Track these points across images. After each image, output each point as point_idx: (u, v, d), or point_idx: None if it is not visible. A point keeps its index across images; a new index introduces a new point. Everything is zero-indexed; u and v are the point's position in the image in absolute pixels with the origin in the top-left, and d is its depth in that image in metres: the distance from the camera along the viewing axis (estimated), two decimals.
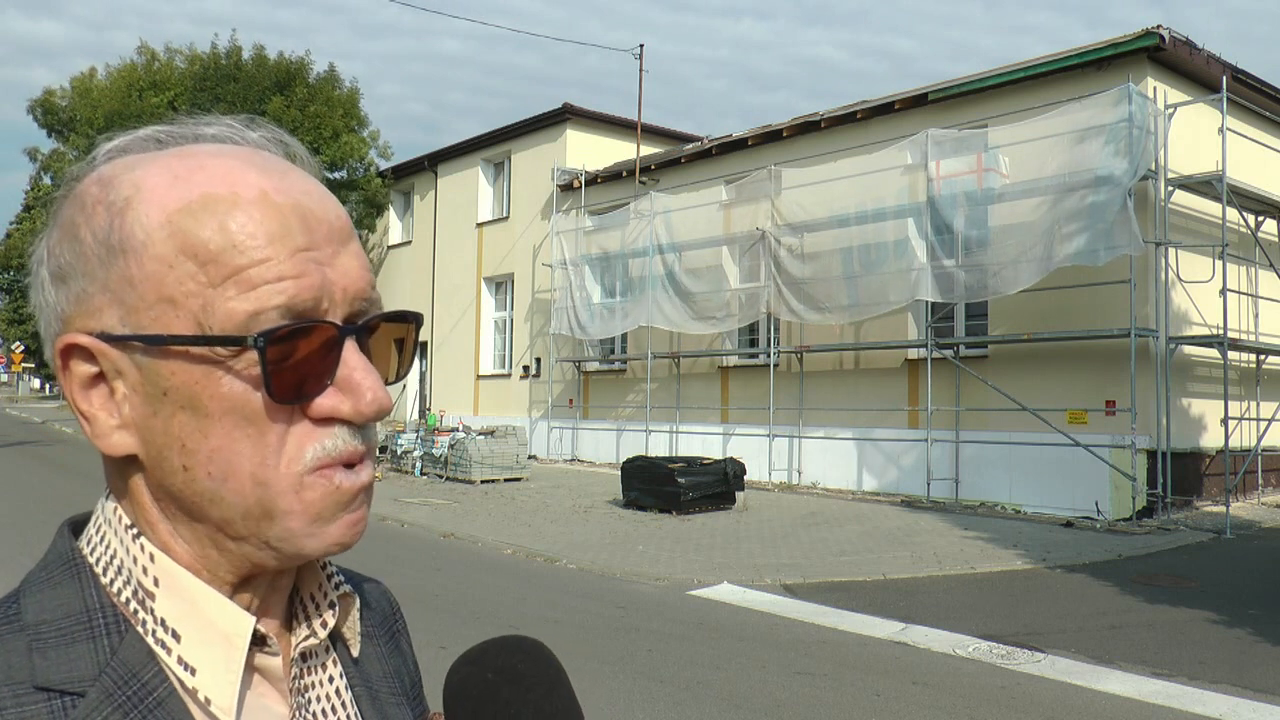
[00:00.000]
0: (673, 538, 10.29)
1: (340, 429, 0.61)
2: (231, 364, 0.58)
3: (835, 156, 14.86)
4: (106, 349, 0.59)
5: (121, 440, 0.60)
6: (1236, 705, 5.13)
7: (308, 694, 0.67)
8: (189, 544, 0.62)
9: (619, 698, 5.06)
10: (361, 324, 0.62)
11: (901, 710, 5.01)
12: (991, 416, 12.85)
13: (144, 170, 0.61)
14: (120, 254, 0.59)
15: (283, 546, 0.60)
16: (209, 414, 0.58)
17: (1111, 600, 7.57)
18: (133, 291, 0.58)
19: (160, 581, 0.61)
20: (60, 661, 0.57)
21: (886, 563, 8.93)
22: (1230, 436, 11.88)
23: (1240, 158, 12.37)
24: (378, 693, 0.73)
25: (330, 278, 0.60)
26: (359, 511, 0.62)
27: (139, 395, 0.59)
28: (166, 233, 0.58)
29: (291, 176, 0.62)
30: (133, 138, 0.65)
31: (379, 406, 0.61)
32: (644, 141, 20.63)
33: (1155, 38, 11.76)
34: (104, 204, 0.60)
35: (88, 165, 0.64)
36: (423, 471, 16.84)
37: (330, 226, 0.62)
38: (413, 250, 26.39)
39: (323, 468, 0.60)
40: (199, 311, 0.57)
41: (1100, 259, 11.21)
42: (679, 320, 16.83)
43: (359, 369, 0.61)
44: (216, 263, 0.57)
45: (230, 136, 0.65)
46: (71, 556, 0.62)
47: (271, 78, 25.01)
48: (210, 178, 0.59)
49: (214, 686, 0.59)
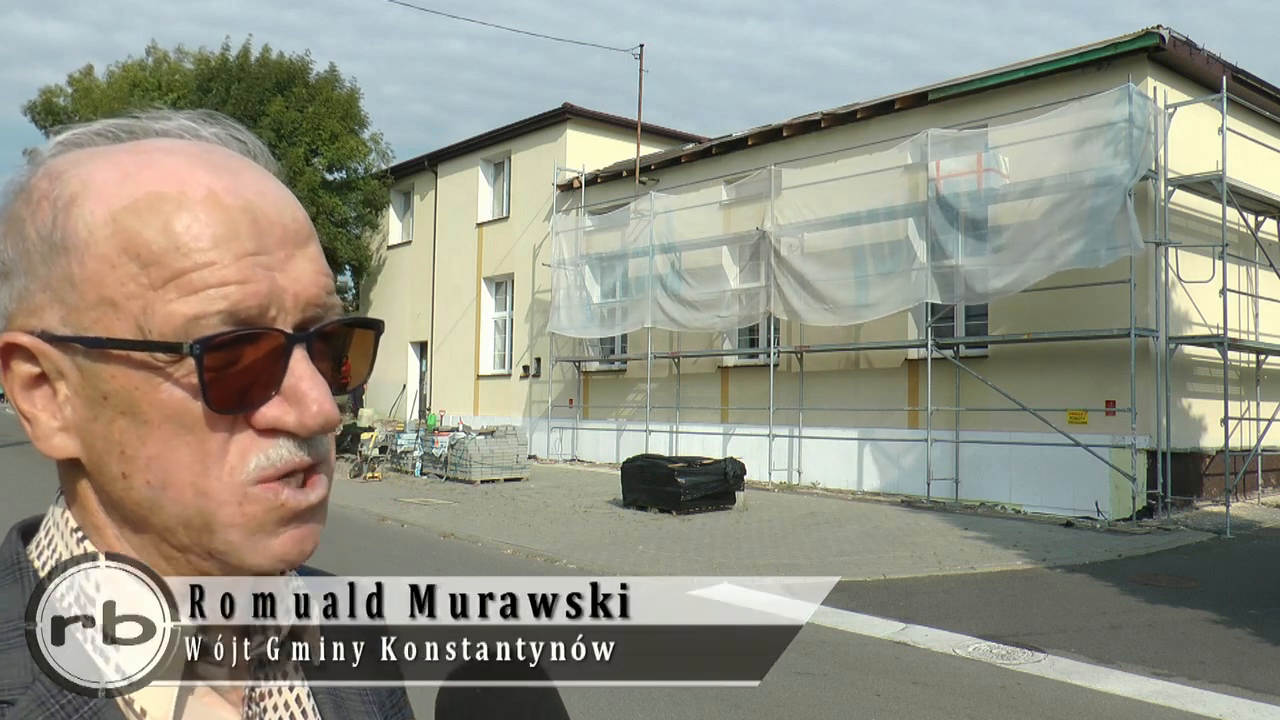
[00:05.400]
0: (673, 538, 10.29)
1: (285, 440, 0.58)
2: (171, 371, 0.56)
3: (835, 156, 14.85)
4: (47, 349, 0.57)
5: (63, 443, 0.58)
6: (1236, 705, 5.13)
7: (263, 702, 0.65)
8: (134, 550, 0.60)
9: (619, 698, 5.06)
10: (312, 331, 0.60)
11: (901, 710, 5.01)
12: (991, 416, 12.85)
13: (93, 166, 0.59)
14: (63, 252, 0.57)
15: (225, 559, 0.59)
16: (148, 420, 0.56)
17: (1111, 600, 7.57)
18: (74, 291, 0.57)
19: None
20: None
21: (886, 563, 8.92)
22: (1230, 436, 11.87)
23: (1240, 158, 12.35)
24: (344, 700, 0.70)
25: (280, 283, 0.58)
26: (306, 527, 0.60)
27: (80, 398, 0.57)
28: (110, 231, 0.56)
29: (245, 175, 0.60)
30: (85, 131, 0.62)
31: (324, 419, 0.58)
32: (644, 141, 20.62)
33: (1155, 38, 11.75)
34: (49, 199, 0.58)
35: (38, 157, 0.62)
36: (423, 471, 16.84)
37: (284, 229, 0.60)
38: (413, 250, 26.38)
39: (268, 480, 0.58)
40: (139, 314, 0.55)
41: (1101, 260, 11.20)
42: (679, 320, 16.83)
43: (306, 378, 0.58)
44: (159, 264, 0.55)
45: (185, 132, 0.63)
46: (16, 560, 0.61)
47: (273, 78, 25.01)
48: (158, 175, 0.57)
49: (150, 698, 0.57)
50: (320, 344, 0.61)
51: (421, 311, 25.40)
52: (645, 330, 17.54)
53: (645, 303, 17.35)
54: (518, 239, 22.04)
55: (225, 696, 0.63)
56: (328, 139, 25.21)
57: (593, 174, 20.06)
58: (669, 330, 17.31)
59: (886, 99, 14.61)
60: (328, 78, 26.20)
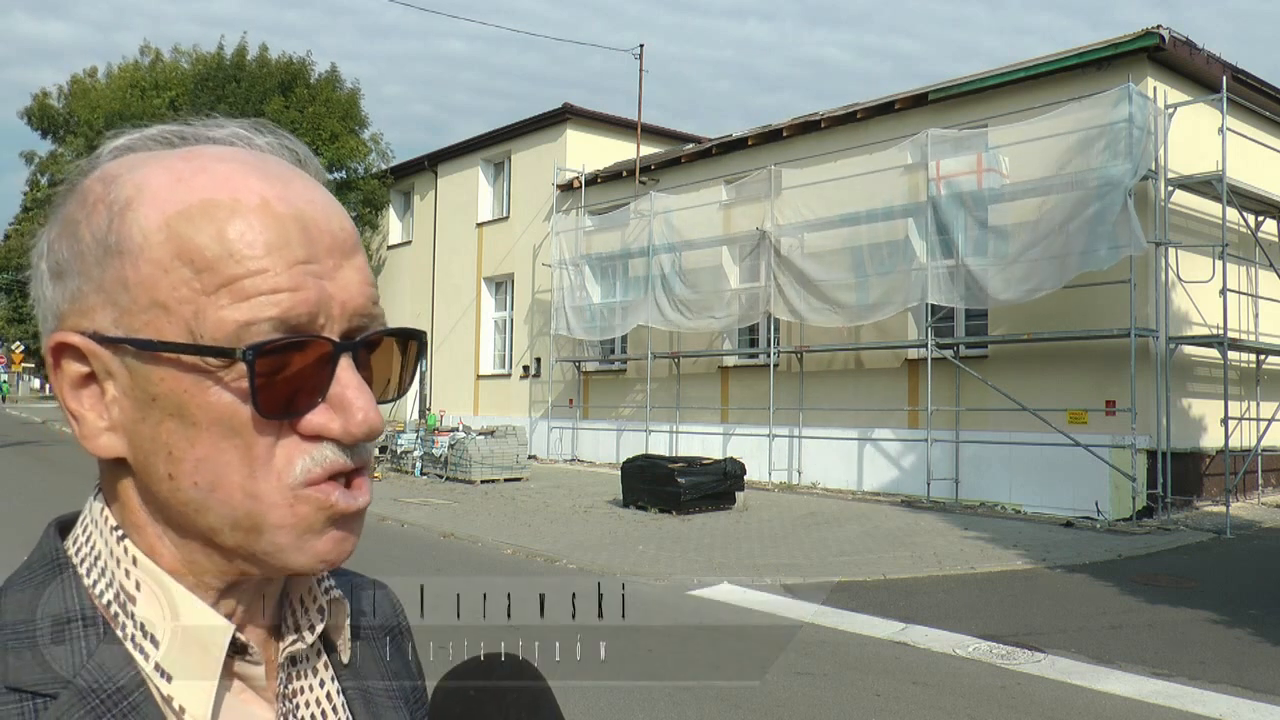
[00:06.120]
0: (673, 538, 10.29)
1: (329, 444, 0.59)
2: (220, 375, 0.57)
3: (835, 156, 14.86)
4: (98, 350, 0.58)
5: (109, 442, 0.59)
6: (1236, 705, 5.13)
7: (296, 699, 0.66)
8: (176, 548, 0.61)
9: (619, 698, 5.06)
10: (359, 340, 0.61)
11: (901, 710, 5.01)
12: (991, 416, 12.85)
13: (148, 171, 0.60)
14: (116, 255, 0.58)
15: (269, 559, 0.60)
16: (196, 423, 0.57)
17: (1111, 600, 7.57)
18: (126, 294, 0.58)
19: (142, 585, 0.60)
20: (34, 663, 0.56)
21: (886, 563, 8.92)
22: (1230, 436, 11.88)
23: (1240, 158, 12.36)
24: (373, 697, 0.72)
25: (329, 292, 0.59)
26: (349, 529, 0.61)
27: (129, 399, 0.58)
28: (164, 236, 0.57)
29: (296, 185, 0.61)
30: (140, 136, 0.64)
31: (369, 427, 0.59)
32: (644, 141, 20.62)
33: (1155, 38, 11.75)
34: (105, 203, 0.59)
35: (93, 161, 0.63)
36: (423, 471, 16.84)
37: (334, 238, 0.61)
38: (413, 250, 26.39)
39: (318, 483, 0.59)
40: (191, 319, 0.56)
41: (1104, 262, 11.19)
42: (679, 320, 16.83)
43: (352, 387, 0.59)
44: (212, 270, 0.56)
45: (238, 140, 0.64)
46: (55, 556, 0.62)
47: (273, 78, 25.01)
48: (212, 182, 0.58)
49: (189, 694, 0.59)
50: (365, 353, 0.62)
51: (421, 311, 25.40)
52: (645, 330, 17.54)
53: (645, 303, 17.35)
54: (518, 239, 22.04)
55: (260, 693, 0.64)
56: (328, 139, 25.22)
57: (593, 174, 20.06)
58: (669, 330, 17.31)
59: (886, 99, 14.61)
60: (328, 78, 26.21)
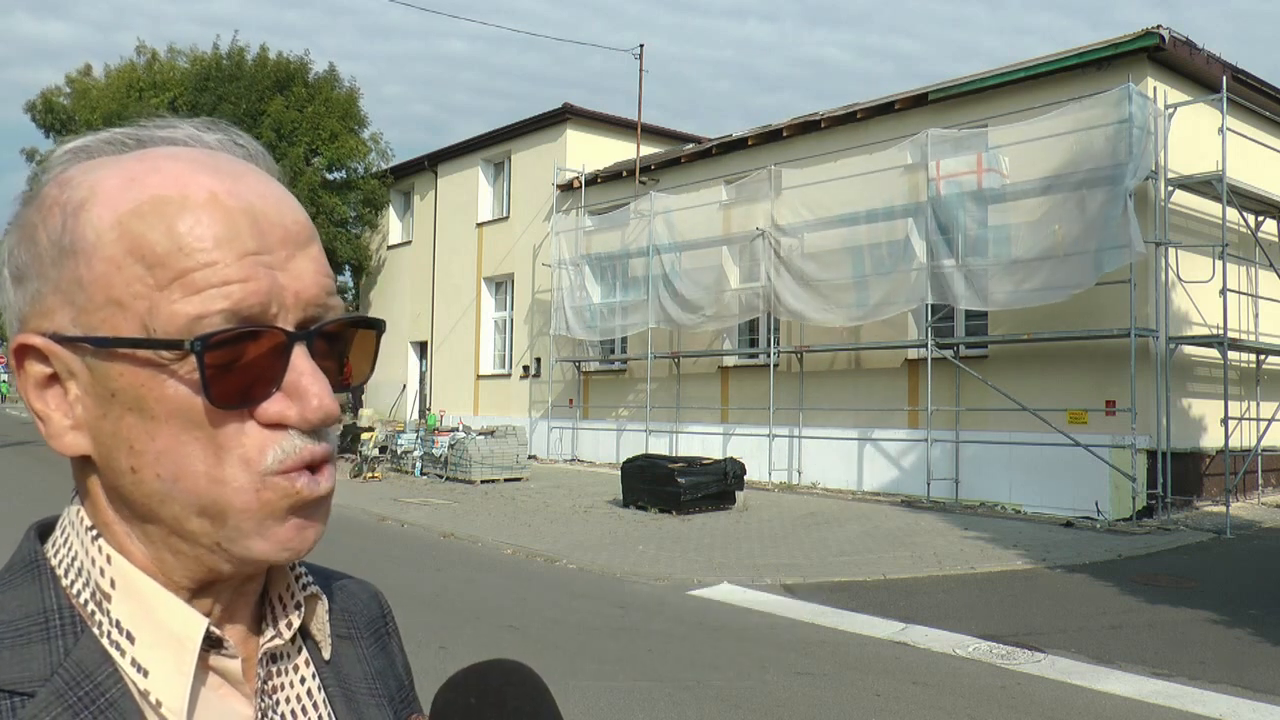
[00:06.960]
0: (673, 538, 10.29)
1: (297, 434, 0.60)
2: (174, 368, 0.58)
3: (835, 156, 14.86)
4: (58, 350, 0.59)
5: (75, 441, 0.60)
6: (1236, 705, 5.13)
7: (275, 695, 0.67)
8: (144, 546, 0.62)
9: (619, 698, 5.05)
10: (313, 329, 0.62)
11: (901, 710, 5.01)
12: (991, 416, 12.85)
13: (101, 173, 0.61)
14: (71, 255, 0.59)
15: (232, 547, 0.60)
16: (155, 416, 0.58)
17: (1111, 600, 7.57)
18: (82, 293, 0.59)
19: (117, 583, 0.61)
20: (12, 661, 0.57)
21: (886, 563, 8.92)
22: (1230, 436, 11.88)
23: (1240, 158, 12.36)
24: (354, 694, 0.72)
25: (282, 282, 0.60)
26: (312, 517, 0.62)
27: (90, 396, 0.60)
28: (116, 234, 0.58)
29: (248, 179, 0.62)
30: (95, 139, 0.64)
31: (325, 414, 0.60)
32: (644, 141, 20.63)
33: (1155, 38, 11.75)
34: (60, 205, 0.60)
35: (49, 166, 0.64)
36: (423, 471, 16.84)
37: (286, 230, 0.61)
38: (413, 250, 26.38)
39: (287, 470, 0.60)
40: (145, 314, 0.57)
41: (1105, 263, 11.19)
42: (679, 320, 16.83)
43: (306, 374, 0.60)
44: (163, 265, 0.57)
45: (191, 140, 0.65)
46: (34, 558, 0.63)
47: (272, 78, 25.01)
48: (162, 180, 0.59)
49: (165, 689, 0.59)
50: (322, 343, 0.63)
51: (421, 311, 25.40)
52: (645, 330, 17.54)
53: (645, 303, 17.36)
54: (518, 239, 22.04)
55: (238, 688, 0.65)
56: (327, 139, 25.22)
57: (593, 174, 20.06)
58: (669, 330, 17.31)
59: (886, 99, 14.61)
60: (327, 77, 26.20)
